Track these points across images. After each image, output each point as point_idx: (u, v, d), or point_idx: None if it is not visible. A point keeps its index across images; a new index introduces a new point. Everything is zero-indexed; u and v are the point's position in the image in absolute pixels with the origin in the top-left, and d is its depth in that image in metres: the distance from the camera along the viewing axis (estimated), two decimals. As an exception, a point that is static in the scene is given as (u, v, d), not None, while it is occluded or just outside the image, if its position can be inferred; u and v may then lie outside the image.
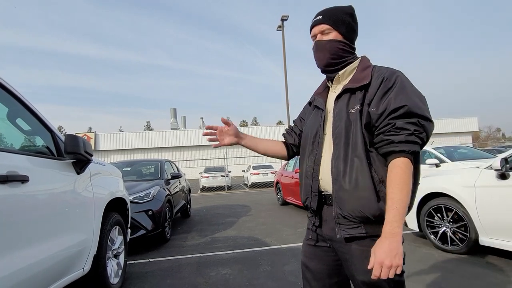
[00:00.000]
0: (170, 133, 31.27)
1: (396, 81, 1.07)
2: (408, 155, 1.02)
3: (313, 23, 1.22)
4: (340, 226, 1.11)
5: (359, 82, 1.12)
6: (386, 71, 1.11)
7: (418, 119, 1.02)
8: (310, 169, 1.22)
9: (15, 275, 1.53)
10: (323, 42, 1.19)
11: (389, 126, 1.03)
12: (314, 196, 1.20)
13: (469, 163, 5.94)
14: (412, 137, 1.01)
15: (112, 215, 2.82)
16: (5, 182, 1.50)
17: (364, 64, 1.19)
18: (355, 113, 1.10)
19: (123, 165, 6.38)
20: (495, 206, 3.05)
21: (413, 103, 1.02)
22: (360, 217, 1.07)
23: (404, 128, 1.01)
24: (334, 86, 1.26)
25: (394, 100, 1.03)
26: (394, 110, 1.02)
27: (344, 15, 1.19)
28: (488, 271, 2.97)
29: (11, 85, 1.84)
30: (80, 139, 2.11)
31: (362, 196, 1.05)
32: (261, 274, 3.25)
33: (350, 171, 1.08)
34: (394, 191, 1.00)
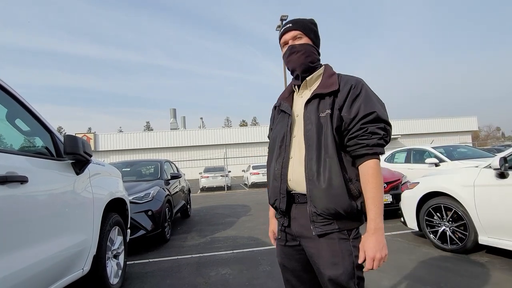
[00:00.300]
0: (169, 133, 31.25)
1: (362, 89, 1.19)
2: (377, 156, 1.15)
3: (284, 30, 1.31)
4: (315, 224, 1.19)
5: (328, 88, 1.20)
6: (352, 79, 1.22)
7: (384, 125, 1.15)
8: (278, 171, 1.28)
9: (15, 276, 1.53)
10: (298, 45, 1.27)
11: (362, 131, 1.14)
12: (283, 198, 1.27)
13: (468, 162, 5.95)
14: (382, 141, 1.14)
15: (112, 216, 2.82)
16: (4, 183, 1.50)
17: (329, 71, 1.29)
18: (325, 117, 1.18)
19: (122, 166, 6.39)
20: (495, 205, 3.05)
21: (379, 110, 1.15)
22: (334, 214, 1.16)
23: (376, 132, 1.13)
24: (301, 91, 1.33)
25: (365, 106, 1.15)
26: (365, 116, 1.14)
27: (311, 24, 1.31)
28: (488, 270, 2.97)
29: (10, 85, 1.84)
30: (79, 139, 2.11)
31: (336, 194, 1.14)
32: (261, 274, 3.26)
33: (324, 171, 1.16)
34: (373, 191, 1.12)
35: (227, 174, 15.35)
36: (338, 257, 1.16)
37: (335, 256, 1.16)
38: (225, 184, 14.91)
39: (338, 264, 1.15)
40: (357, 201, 1.16)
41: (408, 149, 8.19)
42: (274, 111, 1.48)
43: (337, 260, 1.15)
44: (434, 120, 33.71)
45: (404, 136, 31.66)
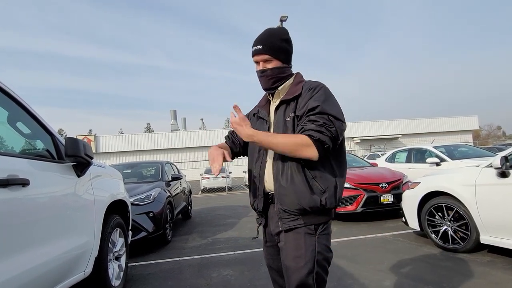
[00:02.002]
0: (170, 134, 31.27)
1: (319, 90, 1.28)
2: (313, 138, 1.17)
3: (254, 51, 1.35)
4: (283, 220, 1.28)
5: (292, 94, 1.31)
6: (313, 84, 1.32)
7: (328, 116, 1.21)
8: (257, 174, 1.38)
9: (17, 279, 1.53)
10: (267, 71, 1.34)
11: (306, 120, 1.23)
12: (261, 198, 1.36)
13: (469, 162, 5.94)
14: (322, 128, 1.18)
15: (113, 218, 2.82)
16: (6, 185, 1.51)
17: (298, 79, 1.39)
18: (290, 121, 1.29)
19: (123, 167, 6.39)
20: (496, 204, 3.04)
21: (325, 105, 1.23)
22: (298, 209, 1.23)
23: (315, 120, 1.20)
24: (275, 99, 1.44)
25: (312, 102, 1.24)
26: (311, 109, 1.23)
27: (281, 42, 1.34)
28: (490, 269, 2.96)
29: (11, 88, 1.84)
30: (80, 142, 2.12)
31: (297, 190, 1.22)
32: (262, 275, 3.25)
33: (286, 169, 1.25)
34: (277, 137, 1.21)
35: (228, 175, 15.34)
36: (301, 250, 1.22)
37: (298, 250, 1.22)
38: (226, 185, 14.89)
39: (300, 257, 1.21)
40: (322, 196, 1.23)
41: (409, 149, 8.19)
42: (252, 117, 1.54)
43: (299, 253, 1.22)
44: (435, 120, 33.65)
45: (405, 135, 31.62)
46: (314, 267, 1.21)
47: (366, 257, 3.57)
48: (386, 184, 5.45)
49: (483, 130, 60.90)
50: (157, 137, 31.05)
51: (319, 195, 1.23)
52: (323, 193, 1.23)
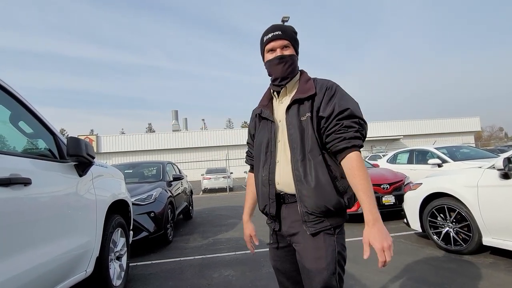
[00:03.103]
0: (171, 135, 31.30)
1: (337, 90, 1.26)
2: (358, 149, 1.18)
3: (273, 37, 1.31)
4: (307, 224, 1.23)
5: (306, 93, 1.26)
6: (327, 82, 1.29)
7: (359, 119, 1.20)
8: (266, 177, 1.33)
9: (18, 278, 1.53)
10: (286, 56, 1.31)
11: (338, 126, 1.19)
12: (272, 202, 1.31)
13: (471, 163, 5.92)
14: (358, 134, 1.19)
15: (115, 217, 2.82)
16: (8, 185, 1.51)
17: (305, 77, 1.35)
18: (306, 120, 1.24)
19: (125, 167, 6.40)
20: (498, 206, 3.03)
21: (353, 107, 1.21)
22: (324, 211, 1.20)
23: (351, 126, 1.18)
24: (281, 97, 1.38)
25: (339, 104, 1.20)
26: (340, 112, 1.19)
27: (294, 34, 1.34)
28: (492, 271, 2.95)
29: (13, 88, 1.85)
30: (82, 141, 2.12)
31: (324, 191, 1.19)
32: (263, 275, 3.25)
33: (310, 171, 1.21)
34: (362, 183, 1.13)
35: (229, 176, 15.34)
36: (321, 251, 1.19)
37: (318, 251, 1.20)
38: (227, 185, 14.90)
39: (321, 258, 1.18)
40: (344, 197, 1.22)
41: (411, 150, 8.17)
42: (254, 118, 1.50)
43: (320, 255, 1.19)
44: (437, 121, 33.58)
45: (407, 136, 31.56)
46: (336, 267, 1.19)
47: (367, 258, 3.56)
48: (387, 185, 5.43)
49: (485, 131, 60.76)
50: (158, 137, 31.09)
51: (342, 195, 1.22)
52: (345, 193, 1.23)
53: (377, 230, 1.09)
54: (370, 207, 1.11)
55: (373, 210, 1.11)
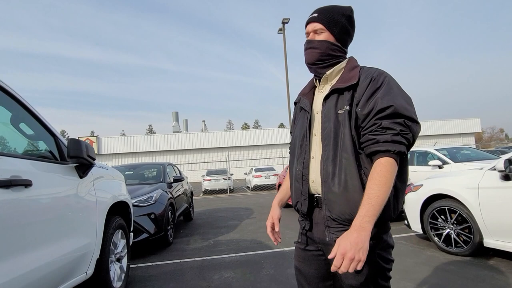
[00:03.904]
0: (172, 136, 31.31)
1: (384, 82, 1.07)
2: (393, 155, 1.01)
3: (308, 19, 1.22)
4: (330, 229, 1.12)
5: (347, 82, 1.11)
6: (374, 72, 1.11)
7: (404, 120, 1.02)
8: (300, 172, 1.21)
9: (19, 280, 1.53)
10: (314, 42, 1.19)
11: (375, 126, 1.03)
12: (305, 200, 1.20)
13: (472, 164, 5.91)
14: (398, 137, 1.00)
15: (115, 219, 2.82)
16: (9, 186, 1.51)
17: (352, 64, 1.19)
18: (343, 114, 1.09)
19: (125, 169, 6.40)
20: (499, 207, 3.02)
21: (399, 104, 1.02)
22: (350, 220, 1.04)
23: (390, 127, 1.01)
24: (321, 86, 1.25)
25: (381, 100, 1.03)
26: (380, 110, 1.02)
27: (340, 16, 1.18)
28: (493, 273, 2.94)
29: (14, 89, 1.85)
30: (82, 143, 2.12)
31: (352, 198, 1.05)
32: (264, 277, 3.24)
33: (339, 173, 1.07)
34: (373, 187, 0.98)
35: (230, 177, 15.35)
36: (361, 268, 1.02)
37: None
38: (228, 187, 14.92)
39: (362, 275, 1.05)
40: None
41: (411, 151, 8.16)
42: (295, 107, 1.38)
43: (359, 271, 1.02)
44: (437, 122, 33.55)
45: (407, 138, 31.48)
46: (379, 282, 1.07)
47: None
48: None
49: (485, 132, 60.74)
50: (159, 138, 31.10)
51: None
52: None
53: (354, 237, 0.93)
54: (366, 213, 0.96)
55: (366, 219, 0.95)
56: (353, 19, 1.22)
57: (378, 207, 0.96)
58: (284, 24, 15.30)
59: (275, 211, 1.41)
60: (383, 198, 0.97)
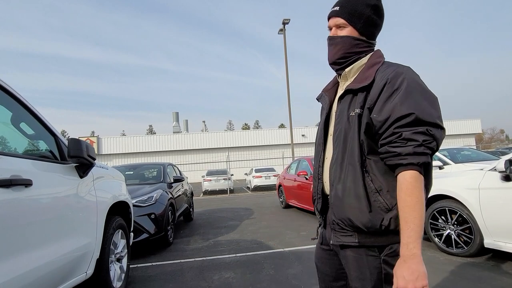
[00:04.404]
0: (172, 136, 31.33)
1: (402, 84, 0.96)
2: (417, 167, 0.92)
3: (330, 13, 1.15)
4: (335, 233, 1.10)
5: (361, 83, 1.04)
6: (392, 70, 1.00)
7: (427, 128, 0.92)
8: (317, 170, 1.20)
9: (19, 279, 1.53)
10: (337, 38, 1.12)
11: (394, 137, 0.94)
12: (319, 198, 1.19)
13: (472, 165, 5.91)
14: (421, 149, 0.91)
15: (115, 219, 2.82)
16: (9, 186, 1.51)
17: (373, 60, 1.09)
18: (354, 117, 1.03)
19: (125, 169, 6.40)
20: (500, 208, 3.02)
21: (421, 110, 0.92)
22: (352, 226, 1.03)
23: (412, 139, 0.91)
24: (342, 83, 1.19)
25: (400, 106, 0.93)
26: (399, 118, 0.93)
27: (365, 7, 1.08)
28: (494, 274, 2.94)
29: (14, 89, 1.85)
30: (83, 143, 2.12)
31: (353, 205, 1.01)
32: (264, 277, 3.24)
33: (344, 178, 1.04)
34: (407, 210, 0.92)
35: (230, 177, 15.35)
36: (365, 274, 1.03)
37: (361, 272, 1.04)
38: (228, 187, 14.92)
39: (365, 280, 1.03)
40: (386, 215, 0.98)
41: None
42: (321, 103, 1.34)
43: (364, 276, 1.03)
44: (437, 123, 33.52)
45: (407, 139, 31.44)
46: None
47: None
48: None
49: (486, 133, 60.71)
50: (159, 139, 31.12)
51: (382, 213, 0.98)
52: (388, 211, 0.98)
53: (407, 268, 0.89)
54: (408, 240, 0.90)
55: (411, 245, 0.90)
56: (380, 8, 1.11)
57: (419, 228, 0.91)
58: (284, 24, 15.31)
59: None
60: (420, 218, 0.92)
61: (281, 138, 31.52)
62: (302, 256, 3.90)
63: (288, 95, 15.63)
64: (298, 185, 7.27)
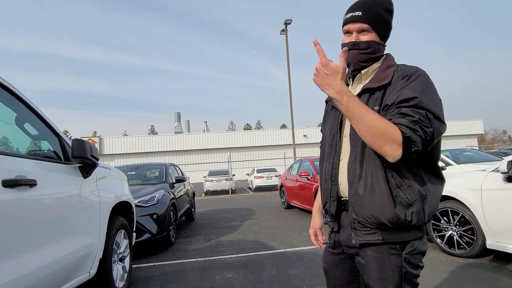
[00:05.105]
0: (174, 137, 31.39)
1: (417, 78, 1.01)
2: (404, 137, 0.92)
3: (351, 18, 1.13)
4: (356, 232, 1.09)
5: (379, 82, 1.07)
6: (409, 69, 1.05)
7: (426, 112, 0.94)
8: (329, 173, 1.18)
9: (22, 279, 1.55)
10: (360, 43, 1.12)
11: (394, 113, 0.98)
12: (333, 201, 1.17)
13: (475, 166, 5.89)
14: (417, 126, 0.92)
15: (118, 219, 2.83)
16: (14, 186, 1.52)
17: (387, 63, 1.13)
18: None
19: (128, 169, 6.42)
20: (502, 209, 3.01)
21: (425, 97, 0.96)
22: (376, 223, 1.03)
23: (409, 114, 0.94)
24: (355, 85, 1.20)
25: (408, 91, 0.98)
26: (403, 100, 0.97)
27: (384, 12, 1.11)
28: (496, 275, 2.93)
29: (19, 90, 1.86)
30: (86, 143, 2.13)
31: (378, 201, 1.02)
32: (266, 278, 3.24)
33: (366, 175, 1.04)
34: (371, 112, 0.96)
35: (231, 178, 15.35)
36: (387, 273, 1.04)
37: (383, 272, 1.05)
38: (230, 187, 14.91)
39: (387, 279, 1.04)
40: (407, 210, 1.00)
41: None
42: (327, 105, 1.35)
43: (385, 276, 1.04)
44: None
45: (409, 139, 31.36)
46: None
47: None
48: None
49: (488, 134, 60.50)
50: (161, 139, 31.18)
51: (404, 208, 1.00)
52: (409, 206, 1.00)
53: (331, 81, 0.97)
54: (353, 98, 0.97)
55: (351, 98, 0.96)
56: (393, 11, 1.15)
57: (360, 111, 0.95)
58: (286, 25, 15.31)
59: (315, 221, 1.44)
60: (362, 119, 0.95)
61: (283, 138, 31.51)
62: (304, 257, 3.90)
63: (290, 96, 15.62)
64: (300, 186, 7.27)
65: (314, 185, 6.49)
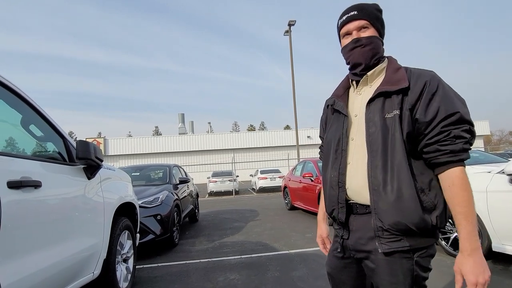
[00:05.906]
0: (178, 138, 31.51)
1: (439, 86, 1.02)
2: (463, 164, 0.99)
3: (348, 18, 1.14)
4: (381, 240, 1.05)
5: (396, 85, 1.04)
6: (425, 74, 1.05)
7: (469, 126, 0.99)
8: (335, 179, 1.15)
9: (27, 279, 1.56)
10: (364, 38, 1.11)
11: (443, 135, 0.98)
12: (342, 208, 1.14)
13: (480, 168, 5.83)
14: (467, 145, 0.98)
15: (122, 220, 2.85)
16: (19, 187, 1.54)
17: (394, 65, 1.13)
18: (392, 118, 1.03)
19: (132, 170, 6.45)
20: (508, 211, 2.98)
21: (463, 110, 0.99)
22: (404, 230, 1.01)
23: (461, 136, 0.97)
24: (360, 88, 1.18)
25: (445, 106, 0.98)
26: (446, 117, 0.98)
27: (376, 11, 1.15)
28: (502, 278, 2.90)
29: (24, 92, 1.88)
30: (91, 144, 2.15)
31: (407, 207, 0.99)
32: (269, 279, 3.24)
33: (392, 180, 1.01)
34: (463, 205, 0.96)
35: (235, 179, 15.38)
36: (398, 277, 1.03)
37: (394, 276, 1.04)
38: (233, 188, 14.93)
39: (398, 283, 1.03)
40: (432, 215, 1.01)
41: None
42: (326, 110, 1.33)
43: (396, 280, 1.03)
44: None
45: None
46: None
47: None
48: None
49: (494, 135, 59.92)
50: (165, 140, 31.32)
51: (429, 213, 1.01)
52: (433, 210, 1.01)
53: (473, 261, 0.94)
54: (469, 234, 0.95)
55: (473, 239, 0.94)
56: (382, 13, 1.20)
57: (474, 221, 0.96)
58: (290, 26, 15.32)
59: (322, 229, 1.43)
60: (474, 211, 0.97)
61: (287, 139, 31.49)
62: (308, 258, 3.89)
63: (293, 97, 15.62)
64: (304, 187, 7.26)
65: (317, 187, 6.47)
